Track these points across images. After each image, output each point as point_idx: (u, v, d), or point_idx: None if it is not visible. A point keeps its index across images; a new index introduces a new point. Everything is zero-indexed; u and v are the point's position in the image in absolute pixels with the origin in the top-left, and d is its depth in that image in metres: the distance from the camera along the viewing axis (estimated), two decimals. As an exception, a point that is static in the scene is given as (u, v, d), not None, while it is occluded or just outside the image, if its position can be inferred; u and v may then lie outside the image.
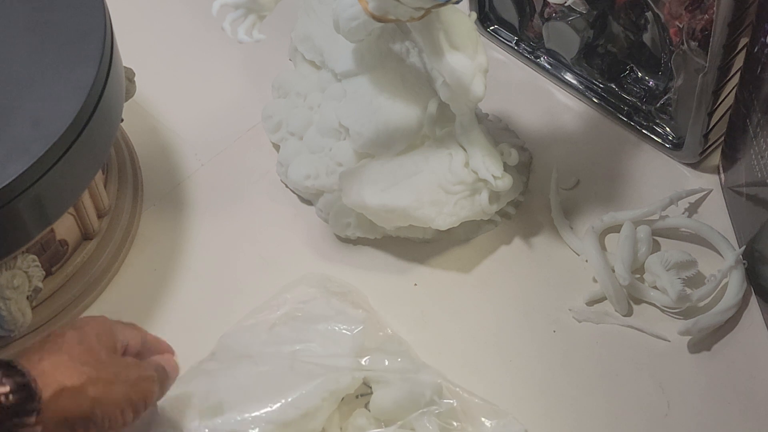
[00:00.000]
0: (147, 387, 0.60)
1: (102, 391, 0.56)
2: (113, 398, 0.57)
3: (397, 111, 0.76)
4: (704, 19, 0.72)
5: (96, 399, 0.56)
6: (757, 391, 0.71)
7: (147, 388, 0.60)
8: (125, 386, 0.58)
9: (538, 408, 0.71)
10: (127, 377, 0.59)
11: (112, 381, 0.57)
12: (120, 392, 0.58)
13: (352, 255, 0.80)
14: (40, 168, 0.65)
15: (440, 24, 0.72)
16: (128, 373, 0.59)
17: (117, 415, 0.57)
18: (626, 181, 0.83)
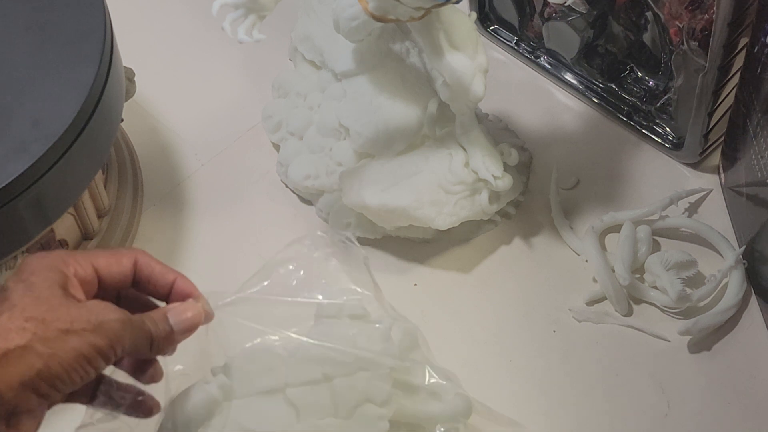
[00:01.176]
0: (113, 331, 0.52)
1: (55, 344, 0.50)
2: (71, 348, 0.51)
3: (397, 111, 0.76)
4: (704, 19, 0.72)
5: (50, 354, 0.50)
6: (757, 391, 0.71)
7: (113, 333, 0.52)
8: (84, 334, 0.51)
9: (538, 408, 0.71)
10: (87, 322, 0.52)
11: (67, 330, 0.51)
12: (78, 341, 0.51)
13: (352, 255, 0.80)
14: (40, 168, 0.65)
15: (440, 24, 0.72)
16: (88, 318, 0.52)
17: (83, 365, 0.51)
18: (626, 181, 0.83)
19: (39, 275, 0.53)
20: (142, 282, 0.57)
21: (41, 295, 0.52)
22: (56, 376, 0.50)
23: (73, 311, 0.52)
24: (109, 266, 0.56)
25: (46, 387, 0.50)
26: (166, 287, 0.58)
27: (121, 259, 0.56)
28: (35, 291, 0.52)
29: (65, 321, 0.51)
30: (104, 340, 0.52)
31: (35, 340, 0.50)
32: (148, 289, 0.57)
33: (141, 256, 0.57)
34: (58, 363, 0.50)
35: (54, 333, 0.50)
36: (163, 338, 0.55)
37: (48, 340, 0.50)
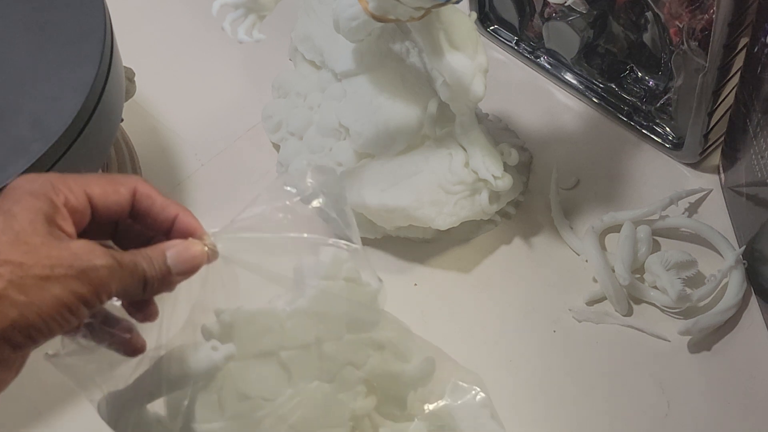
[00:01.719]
0: (98, 278, 0.47)
1: (32, 292, 0.45)
2: (51, 297, 0.46)
3: (397, 111, 0.76)
4: (704, 19, 0.72)
5: (26, 303, 0.45)
6: (757, 391, 0.71)
7: (98, 280, 0.47)
8: (66, 281, 0.46)
9: (538, 408, 0.71)
10: (70, 268, 0.46)
11: (47, 277, 0.46)
12: (59, 289, 0.46)
13: (352, 255, 0.80)
14: (40, 168, 0.65)
15: (440, 24, 0.72)
16: (71, 262, 0.46)
17: (63, 314, 0.47)
18: (626, 181, 0.83)
19: (23, 204, 0.47)
20: (141, 214, 0.52)
21: (22, 231, 0.46)
22: (33, 326, 0.46)
23: (54, 253, 0.46)
24: (104, 195, 0.50)
25: (22, 337, 0.46)
26: (167, 222, 0.52)
27: (119, 188, 0.51)
28: (16, 225, 0.46)
29: (45, 266, 0.46)
30: (88, 287, 0.47)
31: (10, 288, 0.45)
32: (147, 222, 0.52)
33: (141, 186, 0.51)
34: (35, 312, 0.46)
35: (32, 280, 0.45)
36: (159, 279, 0.50)
37: (25, 287, 0.45)
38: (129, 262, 0.49)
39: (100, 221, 0.50)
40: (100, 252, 0.47)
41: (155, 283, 0.50)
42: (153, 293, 0.51)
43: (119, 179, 0.51)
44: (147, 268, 0.50)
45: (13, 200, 0.47)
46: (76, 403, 0.73)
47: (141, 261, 0.49)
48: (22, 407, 0.73)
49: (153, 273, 0.50)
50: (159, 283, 0.50)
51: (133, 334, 0.53)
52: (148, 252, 0.50)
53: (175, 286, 0.52)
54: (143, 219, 0.52)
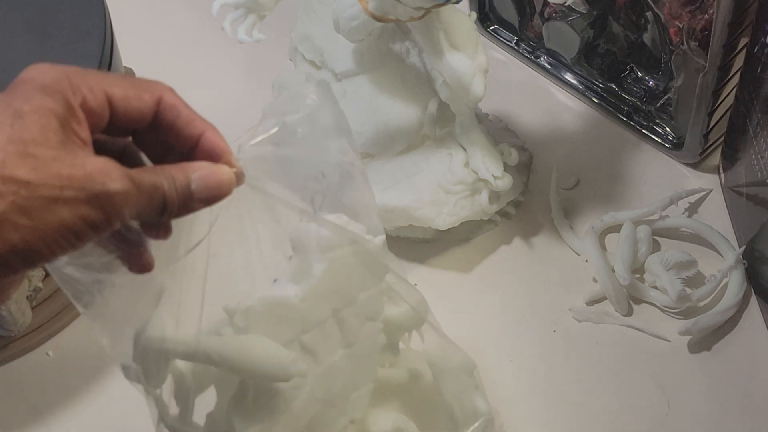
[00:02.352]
0: (112, 203, 0.42)
1: (38, 216, 0.40)
2: (57, 221, 0.41)
3: (397, 111, 0.76)
4: (704, 19, 0.72)
5: (30, 228, 0.40)
6: (757, 391, 0.71)
7: (112, 206, 0.42)
8: (76, 205, 0.41)
9: (538, 408, 0.71)
10: (81, 190, 0.41)
11: (55, 199, 0.41)
12: (67, 212, 0.41)
13: (352, 255, 0.80)
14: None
15: (440, 24, 0.72)
16: (83, 184, 0.41)
17: (69, 240, 0.42)
18: (626, 181, 0.83)
19: (34, 103, 0.41)
20: (163, 127, 0.46)
21: (31, 141, 0.41)
22: (34, 251, 0.41)
23: (66, 171, 0.41)
24: (126, 99, 0.45)
25: (21, 262, 0.41)
26: (191, 139, 0.47)
27: (143, 94, 0.45)
28: (25, 133, 0.41)
29: (54, 186, 0.41)
30: (99, 213, 0.42)
31: (13, 210, 0.40)
32: (169, 136, 0.47)
33: (167, 95, 0.46)
34: (38, 238, 0.41)
35: (38, 201, 0.40)
36: (180, 203, 0.45)
37: (30, 210, 0.40)
38: (148, 185, 0.44)
39: (116, 127, 0.45)
40: (116, 174, 0.42)
41: (174, 208, 0.45)
42: (170, 218, 0.46)
43: (144, 84, 0.46)
44: (168, 191, 0.44)
45: (23, 97, 0.42)
46: (76, 403, 0.73)
47: (162, 182, 0.44)
48: (22, 407, 0.73)
49: (173, 197, 0.45)
50: (179, 209, 0.45)
51: (142, 249, 0.49)
52: (172, 172, 0.45)
53: (195, 212, 0.47)
54: (165, 132, 0.47)
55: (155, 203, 0.44)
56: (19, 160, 0.40)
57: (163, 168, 0.45)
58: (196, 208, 0.46)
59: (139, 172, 0.44)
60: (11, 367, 0.75)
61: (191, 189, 0.45)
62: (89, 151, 0.43)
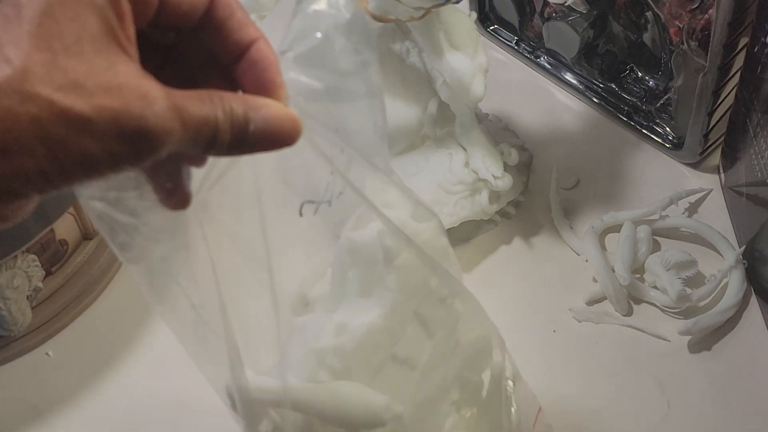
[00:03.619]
0: (148, 142, 0.35)
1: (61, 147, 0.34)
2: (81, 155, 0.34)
3: (397, 111, 0.76)
4: (704, 19, 0.72)
5: (50, 157, 0.34)
6: (757, 391, 0.71)
7: (147, 144, 0.35)
8: (105, 138, 0.34)
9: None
10: (115, 121, 0.34)
11: (83, 128, 0.33)
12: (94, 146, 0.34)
13: (352, 255, 0.80)
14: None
15: (440, 24, 0.72)
16: (119, 115, 0.34)
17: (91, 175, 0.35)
18: (626, 181, 0.83)
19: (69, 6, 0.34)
20: (212, 27, 0.39)
21: (62, 49, 0.33)
22: (49, 181, 0.35)
23: (99, 96, 0.34)
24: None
25: (31, 189, 0.35)
26: (240, 47, 0.40)
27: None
28: (55, 36, 0.33)
29: (83, 114, 0.33)
30: (132, 150, 0.35)
31: (32, 135, 0.33)
32: (215, 41, 0.40)
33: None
34: (56, 169, 0.34)
35: (63, 130, 0.33)
36: (231, 144, 0.37)
37: (51, 138, 0.33)
38: (197, 120, 0.36)
39: (160, 23, 0.38)
40: (160, 105, 0.35)
41: (223, 149, 0.38)
42: (216, 154, 0.38)
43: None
44: (221, 127, 0.37)
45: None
46: (76, 403, 0.73)
47: (217, 115, 0.37)
48: (22, 407, 0.73)
49: (226, 136, 0.37)
50: (228, 150, 0.38)
51: (178, 182, 0.41)
52: (232, 104, 0.37)
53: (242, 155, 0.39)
54: (212, 34, 0.40)
55: (202, 140, 0.37)
56: (45, 73, 0.33)
57: (221, 96, 0.37)
58: (247, 152, 0.39)
59: (188, 98, 0.36)
60: (11, 367, 0.75)
61: (249, 130, 0.38)
62: (132, 61, 0.35)
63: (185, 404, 0.71)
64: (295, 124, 0.39)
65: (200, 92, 0.37)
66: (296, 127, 0.39)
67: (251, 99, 0.38)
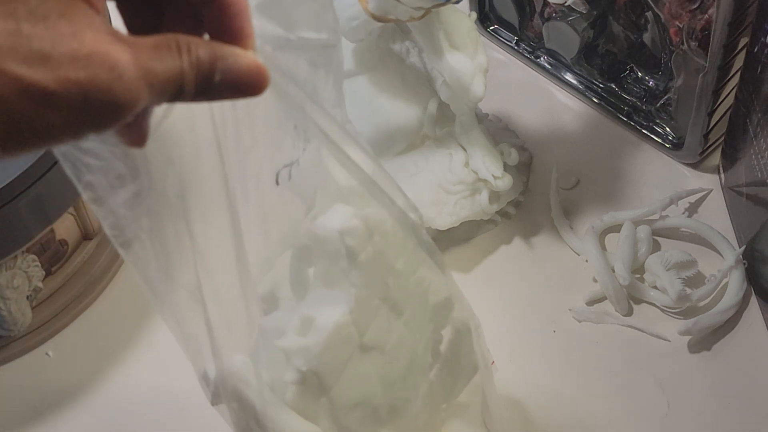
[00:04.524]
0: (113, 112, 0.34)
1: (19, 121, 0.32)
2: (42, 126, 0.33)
3: (397, 111, 0.76)
4: (704, 19, 0.72)
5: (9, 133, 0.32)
6: (757, 391, 0.71)
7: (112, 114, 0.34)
8: (69, 111, 0.33)
9: (538, 408, 0.71)
10: (79, 94, 0.33)
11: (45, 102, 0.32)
12: (57, 119, 0.33)
13: (352, 255, 0.80)
14: (40, 168, 0.65)
15: (440, 24, 0.72)
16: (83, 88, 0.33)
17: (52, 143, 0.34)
18: (626, 181, 0.83)
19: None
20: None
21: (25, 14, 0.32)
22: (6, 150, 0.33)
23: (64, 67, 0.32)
24: None
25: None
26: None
27: None
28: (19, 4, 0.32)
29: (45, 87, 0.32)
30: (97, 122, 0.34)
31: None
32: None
33: None
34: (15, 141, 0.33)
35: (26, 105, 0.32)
36: (195, 93, 0.36)
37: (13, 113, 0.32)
38: (163, 78, 0.35)
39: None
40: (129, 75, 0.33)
41: (188, 98, 0.36)
42: (183, 100, 0.37)
43: None
44: (187, 79, 0.36)
45: None
46: (76, 403, 0.73)
47: (183, 68, 0.35)
48: (22, 407, 0.73)
49: (191, 87, 0.36)
50: (191, 99, 0.37)
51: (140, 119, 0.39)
52: (199, 53, 0.36)
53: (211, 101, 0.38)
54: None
55: (168, 95, 0.36)
56: (10, 45, 0.31)
57: (188, 44, 0.36)
58: (212, 100, 0.38)
59: (155, 54, 0.35)
60: (11, 367, 0.75)
61: (215, 79, 0.36)
62: (100, 21, 0.34)
63: (185, 404, 0.71)
64: (262, 75, 0.38)
65: (167, 40, 0.35)
66: (264, 78, 0.38)
67: (219, 47, 0.37)
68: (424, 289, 0.56)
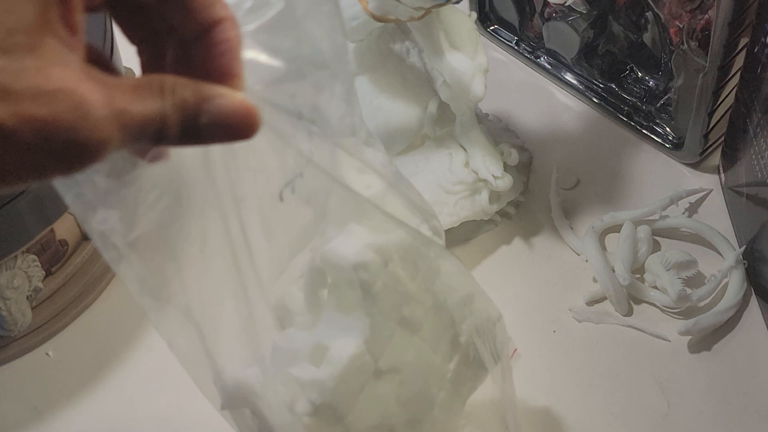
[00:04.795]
0: (82, 155, 0.32)
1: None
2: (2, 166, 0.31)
3: (397, 111, 0.76)
4: (704, 19, 0.72)
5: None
6: (757, 391, 0.71)
7: (81, 157, 0.32)
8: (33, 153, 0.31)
9: (537, 408, 0.71)
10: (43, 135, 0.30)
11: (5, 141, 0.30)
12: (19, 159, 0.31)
13: (352, 255, 0.80)
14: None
15: (440, 24, 0.72)
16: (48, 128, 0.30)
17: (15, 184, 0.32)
18: (626, 181, 0.83)
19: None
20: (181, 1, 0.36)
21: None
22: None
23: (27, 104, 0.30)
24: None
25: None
26: (203, 26, 0.36)
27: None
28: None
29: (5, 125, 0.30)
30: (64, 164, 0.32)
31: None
32: (177, 14, 0.36)
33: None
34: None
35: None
36: (181, 131, 0.34)
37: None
38: (140, 119, 0.33)
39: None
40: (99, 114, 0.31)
41: (171, 142, 0.34)
42: (166, 144, 0.35)
43: None
44: (170, 121, 0.34)
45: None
46: (76, 403, 0.73)
47: (165, 107, 0.33)
48: (22, 407, 0.73)
49: (174, 131, 0.34)
50: (176, 142, 0.34)
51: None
52: (184, 94, 0.34)
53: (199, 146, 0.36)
54: (174, 7, 0.36)
55: (146, 137, 0.33)
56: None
57: (173, 85, 0.34)
58: (200, 144, 0.35)
59: (133, 96, 0.33)
60: (11, 367, 0.75)
61: (201, 122, 0.34)
62: (72, 58, 0.32)
63: (185, 405, 0.71)
64: (252, 117, 0.35)
65: (150, 81, 0.34)
66: (254, 120, 0.35)
67: (206, 88, 0.35)
68: (442, 300, 0.55)
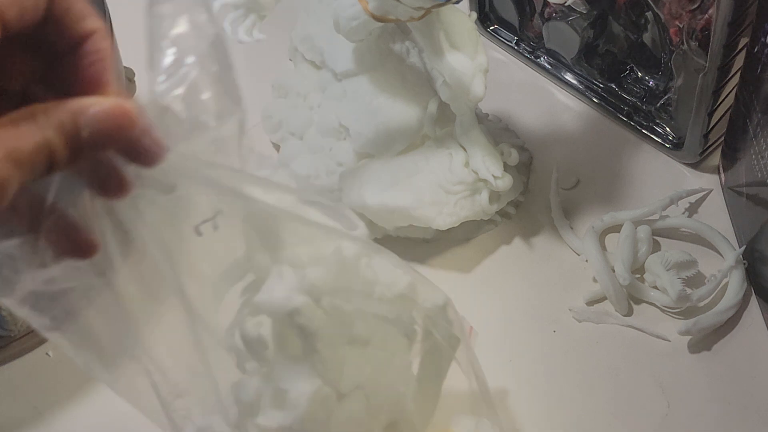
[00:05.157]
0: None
1: None
2: None
3: (397, 111, 0.76)
4: (704, 19, 0.72)
5: None
6: (757, 391, 0.71)
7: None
8: None
9: (537, 408, 0.71)
10: None
11: None
12: None
13: (352, 255, 0.80)
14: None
15: (440, 24, 0.72)
16: None
17: None
18: (626, 181, 0.83)
19: None
20: (54, 20, 0.36)
21: None
22: None
23: None
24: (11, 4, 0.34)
25: None
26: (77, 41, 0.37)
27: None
28: None
29: None
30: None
31: None
32: (56, 33, 0.37)
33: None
34: None
35: None
36: (69, 153, 0.34)
37: None
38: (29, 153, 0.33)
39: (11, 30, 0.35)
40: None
41: (62, 165, 0.34)
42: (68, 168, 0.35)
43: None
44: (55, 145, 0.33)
45: None
46: (76, 403, 0.73)
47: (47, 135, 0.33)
48: (22, 407, 0.73)
49: (62, 152, 0.34)
50: (68, 165, 0.35)
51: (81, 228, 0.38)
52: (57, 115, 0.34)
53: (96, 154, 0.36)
54: (54, 27, 0.37)
55: (39, 168, 0.34)
56: None
57: (45, 112, 0.34)
58: (92, 157, 0.36)
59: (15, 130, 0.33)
60: (11, 367, 0.75)
61: (83, 137, 0.34)
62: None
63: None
64: (127, 114, 0.36)
65: (23, 114, 0.33)
66: (130, 115, 0.36)
67: (76, 102, 0.35)
68: (386, 301, 0.56)
